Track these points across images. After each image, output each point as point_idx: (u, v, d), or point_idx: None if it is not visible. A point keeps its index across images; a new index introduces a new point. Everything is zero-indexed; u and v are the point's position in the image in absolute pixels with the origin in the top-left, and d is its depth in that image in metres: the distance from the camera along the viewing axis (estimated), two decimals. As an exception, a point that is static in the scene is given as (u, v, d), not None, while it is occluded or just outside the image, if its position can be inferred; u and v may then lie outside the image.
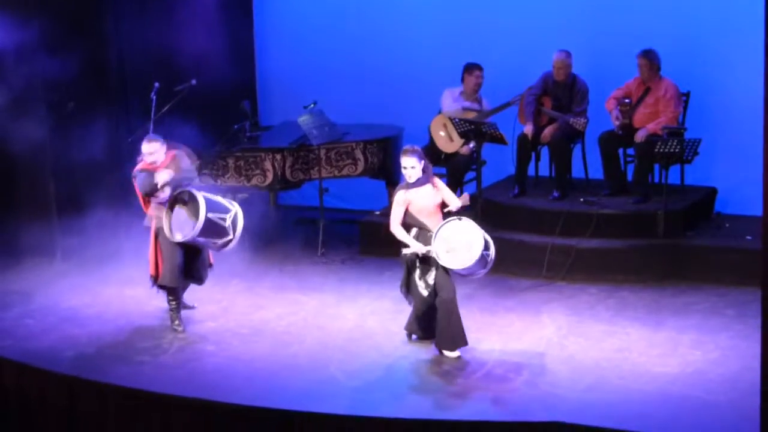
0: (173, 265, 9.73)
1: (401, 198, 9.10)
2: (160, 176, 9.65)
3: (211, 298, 10.51)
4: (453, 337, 9.05)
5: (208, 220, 9.57)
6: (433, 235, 8.96)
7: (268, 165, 11.94)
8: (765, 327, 6.73)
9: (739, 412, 7.92)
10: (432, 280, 9.08)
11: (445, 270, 9.00)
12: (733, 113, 11.72)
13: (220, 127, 12.06)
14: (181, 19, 12.58)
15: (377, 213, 12.13)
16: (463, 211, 9.20)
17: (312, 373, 8.94)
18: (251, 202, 11.59)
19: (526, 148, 11.75)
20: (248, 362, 9.20)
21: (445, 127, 11.87)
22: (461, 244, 8.92)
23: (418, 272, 9.15)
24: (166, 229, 9.68)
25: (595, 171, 11.90)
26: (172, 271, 9.75)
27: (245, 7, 13.83)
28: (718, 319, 9.80)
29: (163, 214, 9.70)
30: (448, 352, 9.10)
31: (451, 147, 11.91)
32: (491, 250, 9.09)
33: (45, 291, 10.90)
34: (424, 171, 9.11)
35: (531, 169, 11.99)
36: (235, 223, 9.78)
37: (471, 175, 11.85)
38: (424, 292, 9.14)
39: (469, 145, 11.67)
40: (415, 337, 9.47)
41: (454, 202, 9.18)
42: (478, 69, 11.92)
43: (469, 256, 8.89)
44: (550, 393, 8.44)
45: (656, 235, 11.01)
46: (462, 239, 8.93)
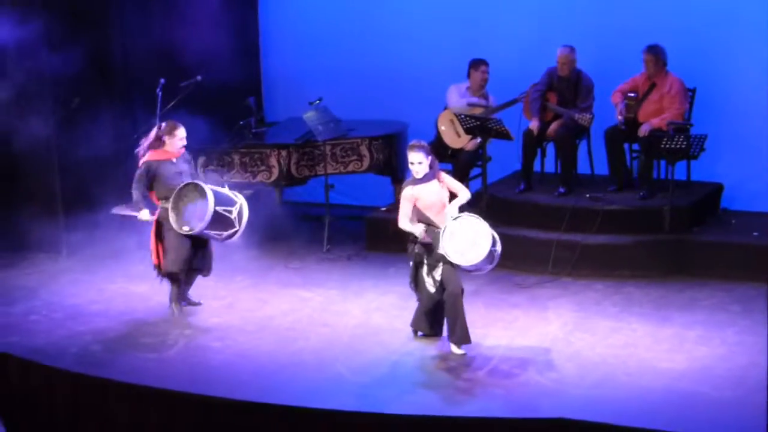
0: (179, 255, 9.80)
1: (408, 193, 9.09)
2: (143, 215, 9.93)
3: (216, 294, 10.50)
4: (463, 331, 9.04)
5: (216, 213, 9.59)
6: (441, 232, 8.95)
7: (274, 161, 11.93)
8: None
9: (746, 408, 7.89)
10: (439, 276, 9.06)
11: (452, 265, 8.98)
12: (740, 109, 11.70)
13: (226, 124, 12.04)
14: (187, 15, 12.58)
15: (383, 209, 12.11)
16: (468, 206, 9.19)
17: (317, 369, 8.92)
18: (256, 199, 11.58)
19: (532, 143, 11.73)
20: (253, 358, 9.19)
21: (452, 122, 11.84)
22: (469, 240, 8.91)
23: (425, 269, 9.14)
24: (173, 222, 9.69)
25: (601, 167, 11.88)
26: (176, 260, 9.82)
27: (251, 4, 13.83)
28: (725, 315, 9.77)
29: (169, 207, 9.72)
30: (455, 348, 9.08)
31: (459, 142, 11.88)
32: (498, 246, 9.08)
33: (50, 287, 10.91)
34: (430, 167, 9.10)
35: (537, 165, 11.97)
36: (240, 215, 9.80)
37: (477, 170, 11.83)
38: (432, 289, 9.12)
39: (476, 141, 11.65)
40: (420, 333, 9.45)
41: (462, 192, 9.15)
42: (484, 64, 11.89)
43: (478, 253, 8.87)
44: (556, 389, 8.42)
45: (662, 231, 10.98)
46: (470, 235, 8.91)
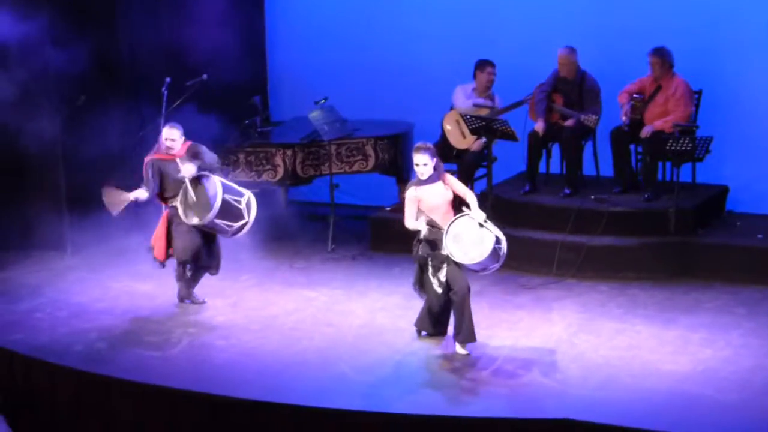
0: (188, 244, 9.86)
1: (412, 195, 9.08)
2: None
3: (221, 293, 10.50)
4: (469, 330, 9.04)
5: (225, 201, 9.61)
6: (444, 232, 8.94)
7: (279, 160, 11.93)
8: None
9: (751, 411, 7.89)
10: (444, 276, 9.06)
11: (458, 264, 8.98)
12: (745, 111, 11.69)
13: (231, 123, 12.05)
14: (193, 13, 12.57)
15: (388, 209, 12.11)
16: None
17: (321, 368, 8.92)
18: (262, 198, 11.57)
19: (537, 145, 11.72)
20: (257, 357, 9.19)
21: (458, 123, 11.84)
22: (472, 239, 8.90)
23: (430, 270, 9.13)
24: (182, 215, 9.71)
25: (606, 168, 11.86)
26: (186, 249, 9.89)
27: (257, 3, 13.83)
28: (730, 317, 9.76)
29: (178, 200, 9.74)
30: (459, 348, 9.08)
31: (464, 143, 11.88)
32: (503, 244, 9.07)
33: (55, 285, 10.91)
34: (435, 168, 9.09)
35: (542, 166, 11.96)
36: (249, 206, 9.82)
37: (482, 171, 11.82)
38: (438, 290, 9.12)
39: (481, 141, 11.64)
40: (424, 333, 9.45)
41: (468, 195, 9.14)
42: (490, 66, 11.88)
43: (481, 251, 8.87)
44: (560, 390, 8.42)
45: (667, 233, 10.97)
46: (473, 234, 8.91)
